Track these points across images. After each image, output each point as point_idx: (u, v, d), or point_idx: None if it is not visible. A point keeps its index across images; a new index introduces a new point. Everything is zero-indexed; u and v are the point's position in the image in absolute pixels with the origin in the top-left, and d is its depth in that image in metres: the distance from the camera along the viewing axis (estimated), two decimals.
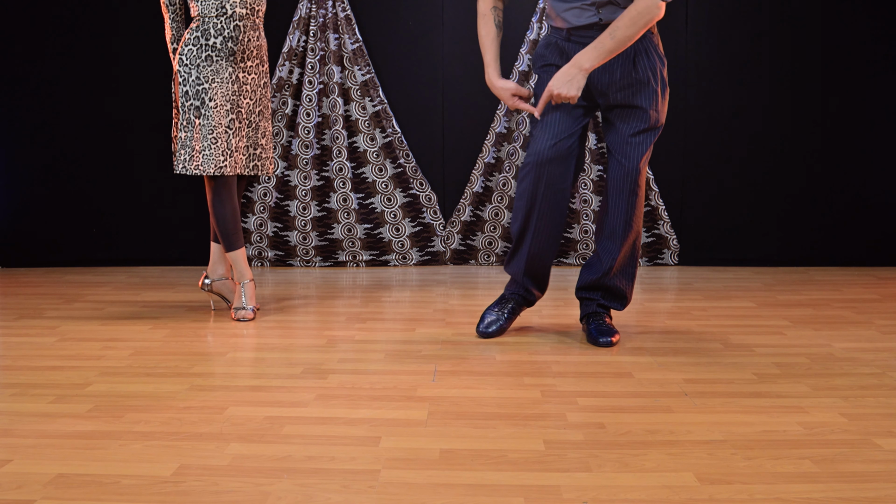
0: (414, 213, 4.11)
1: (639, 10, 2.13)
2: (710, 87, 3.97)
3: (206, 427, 1.71)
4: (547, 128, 2.32)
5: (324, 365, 2.22)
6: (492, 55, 2.40)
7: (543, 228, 2.38)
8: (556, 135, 2.31)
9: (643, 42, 2.29)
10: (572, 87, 2.18)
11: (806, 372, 2.12)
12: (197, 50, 2.68)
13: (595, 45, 2.17)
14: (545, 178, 2.31)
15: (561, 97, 2.20)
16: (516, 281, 2.52)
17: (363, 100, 4.02)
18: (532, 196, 2.34)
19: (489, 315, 2.55)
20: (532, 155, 2.32)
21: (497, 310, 2.56)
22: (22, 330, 2.69)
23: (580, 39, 2.32)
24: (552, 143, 2.31)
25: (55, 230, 4.17)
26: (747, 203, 4.03)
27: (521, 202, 2.37)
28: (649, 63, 2.29)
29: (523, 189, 2.36)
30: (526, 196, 2.35)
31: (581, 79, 2.18)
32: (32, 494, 1.38)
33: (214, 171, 2.70)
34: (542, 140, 2.32)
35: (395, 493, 1.39)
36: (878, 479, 1.42)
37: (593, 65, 2.18)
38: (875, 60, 3.92)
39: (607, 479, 1.44)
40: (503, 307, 2.56)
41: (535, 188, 2.33)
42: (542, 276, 2.51)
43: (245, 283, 2.83)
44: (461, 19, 4.04)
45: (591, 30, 2.29)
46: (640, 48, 2.29)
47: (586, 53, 2.18)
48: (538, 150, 2.31)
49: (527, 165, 2.33)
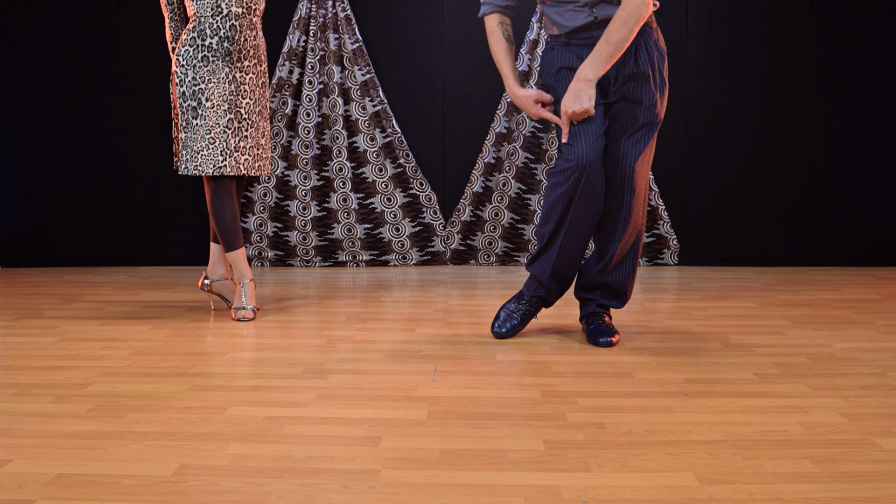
0: (414, 213, 4.11)
1: (628, 11, 2.16)
2: (710, 86, 3.97)
3: (206, 427, 1.71)
4: (583, 132, 2.29)
5: (324, 365, 2.22)
6: (508, 67, 2.41)
7: (576, 231, 2.35)
8: (592, 135, 2.29)
9: (642, 36, 2.29)
10: (584, 101, 2.21)
11: (806, 372, 2.12)
12: (193, 50, 2.68)
13: (594, 55, 2.20)
14: (585, 180, 2.28)
15: (577, 114, 2.23)
16: (539, 282, 2.48)
17: (363, 100, 4.02)
18: (570, 199, 2.30)
19: (505, 314, 2.54)
20: (574, 159, 2.27)
21: (514, 309, 2.54)
22: (22, 330, 2.69)
23: (579, 42, 2.32)
24: (590, 144, 2.27)
25: (55, 230, 4.17)
26: (747, 203, 4.03)
27: (559, 204, 2.33)
28: (648, 56, 2.29)
29: (562, 192, 2.31)
30: (565, 199, 2.31)
31: (589, 90, 2.21)
32: (32, 494, 1.38)
33: (213, 171, 2.70)
34: (581, 143, 2.28)
35: (395, 493, 1.39)
36: (878, 479, 1.42)
37: (597, 74, 2.20)
38: (876, 60, 3.92)
39: (607, 479, 1.44)
40: (519, 306, 2.54)
41: (573, 191, 2.29)
42: (569, 278, 2.48)
43: (245, 283, 2.83)
44: (461, 19, 4.04)
45: (589, 30, 2.29)
46: (640, 41, 2.29)
47: (588, 65, 2.20)
48: (580, 154, 2.27)
49: (567, 170, 2.28)
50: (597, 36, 2.28)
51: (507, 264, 4.16)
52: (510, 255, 4.15)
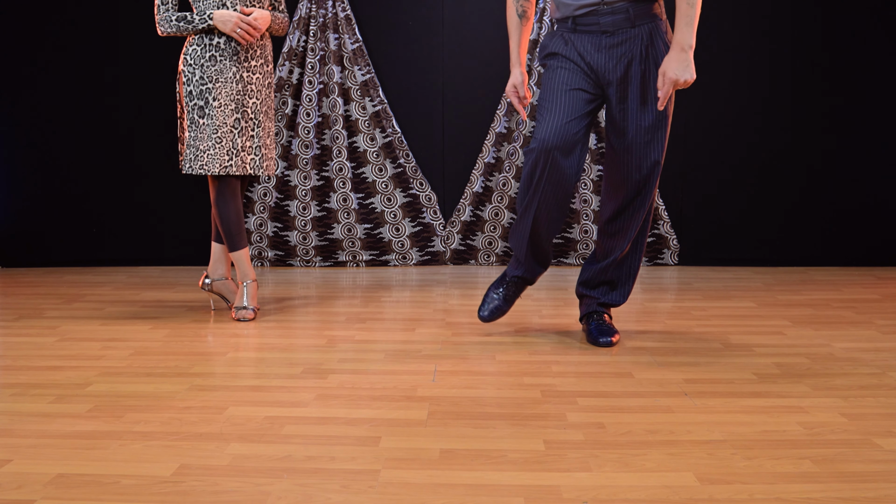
0: (414, 213, 4.11)
1: None
2: (710, 85, 3.97)
3: (206, 427, 1.71)
4: (551, 113, 2.27)
5: (324, 365, 2.22)
6: (513, 43, 2.43)
7: (545, 210, 2.33)
8: (562, 119, 2.25)
9: (648, 26, 2.23)
10: (690, 70, 2.16)
11: (806, 372, 2.12)
12: (201, 49, 2.68)
13: (685, 21, 2.14)
14: (549, 163, 2.25)
15: (680, 84, 2.18)
16: (518, 259, 2.49)
17: (363, 100, 4.02)
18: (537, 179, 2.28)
19: (489, 297, 2.55)
20: (538, 141, 2.25)
21: (497, 292, 2.55)
22: (22, 330, 2.69)
23: (586, 28, 2.26)
24: (557, 128, 2.25)
25: (55, 230, 4.17)
26: (747, 203, 4.03)
27: (527, 182, 2.32)
28: (654, 49, 2.23)
29: (528, 172, 2.30)
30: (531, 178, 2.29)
31: (690, 59, 2.17)
32: (32, 494, 1.38)
33: (220, 170, 2.70)
34: (547, 126, 2.26)
35: (395, 493, 1.39)
36: (878, 479, 1.42)
37: (692, 39, 2.16)
38: (876, 60, 3.92)
39: (607, 479, 1.44)
40: (500, 289, 2.55)
41: (537, 172, 2.27)
42: (545, 253, 2.47)
43: (248, 283, 2.83)
44: (461, 19, 4.04)
45: (596, 14, 2.24)
46: (646, 32, 2.23)
47: (681, 32, 2.15)
48: (543, 137, 2.25)
49: (532, 151, 2.27)
50: (602, 23, 2.23)
51: (507, 264, 4.16)
52: (510, 255, 4.15)
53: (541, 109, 2.31)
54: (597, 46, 2.26)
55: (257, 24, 2.67)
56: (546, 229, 2.39)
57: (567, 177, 2.29)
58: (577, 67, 2.28)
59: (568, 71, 2.28)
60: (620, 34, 2.23)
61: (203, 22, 2.65)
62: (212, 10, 2.67)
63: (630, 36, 2.23)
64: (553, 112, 2.28)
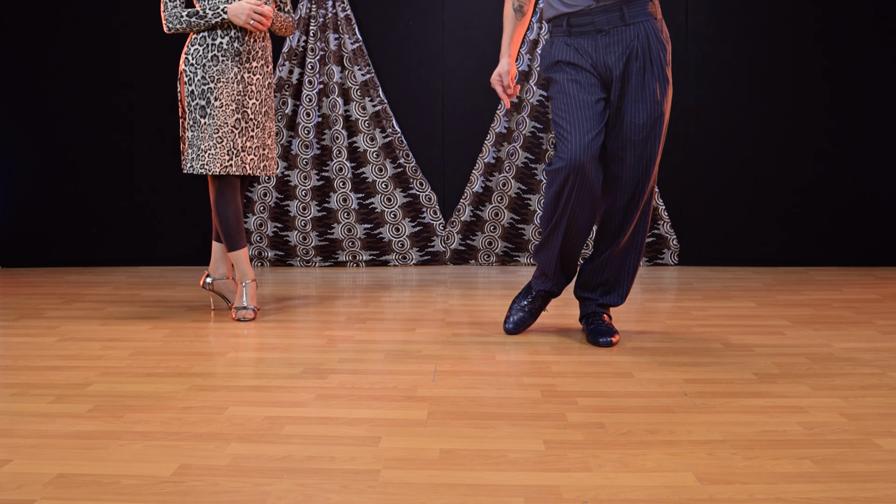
0: (414, 213, 4.11)
1: None
2: (710, 85, 3.97)
3: (206, 427, 1.71)
4: (575, 129, 2.24)
5: (324, 365, 2.22)
6: (506, 34, 2.45)
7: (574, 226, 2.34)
8: (589, 133, 2.24)
9: (644, 25, 2.23)
10: None
11: (806, 372, 2.12)
12: (203, 49, 2.69)
13: None
14: (579, 180, 2.24)
15: None
16: (546, 274, 2.49)
17: (363, 100, 4.02)
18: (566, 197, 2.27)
19: (515, 310, 2.57)
20: (566, 158, 2.23)
21: (523, 305, 2.57)
22: (22, 330, 2.69)
23: (581, 29, 2.26)
24: (586, 144, 2.23)
25: (55, 230, 4.17)
26: (747, 203, 4.03)
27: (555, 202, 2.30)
28: (649, 48, 2.23)
29: (556, 191, 2.28)
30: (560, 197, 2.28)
31: None
32: (32, 494, 1.38)
33: (220, 170, 2.70)
34: (575, 141, 2.23)
35: (395, 493, 1.39)
36: (878, 479, 1.42)
37: None
38: (876, 60, 3.92)
39: (607, 479, 1.44)
40: (526, 302, 2.57)
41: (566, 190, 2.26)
42: (574, 267, 2.50)
43: (247, 283, 2.83)
44: (461, 19, 4.04)
45: (590, 14, 2.24)
46: (642, 31, 2.23)
47: None
48: (572, 154, 2.22)
49: (561, 169, 2.25)
50: (597, 21, 2.23)
51: (507, 264, 4.16)
52: (510, 255, 4.15)
53: (561, 126, 2.29)
54: (595, 46, 2.26)
55: (269, 13, 2.69)
56: (576, 243, 2.41)
57: (595, 190, 2.31)
58: (586, 73, 2.27)
59: (579, 84, 2.27)
60: (616, 33, 2.24)
61: (217, 16, 2.66)
62: (224, 4, 2.67)
63: (626, 34, 2.23)
64: (576, 128, 2.26)
